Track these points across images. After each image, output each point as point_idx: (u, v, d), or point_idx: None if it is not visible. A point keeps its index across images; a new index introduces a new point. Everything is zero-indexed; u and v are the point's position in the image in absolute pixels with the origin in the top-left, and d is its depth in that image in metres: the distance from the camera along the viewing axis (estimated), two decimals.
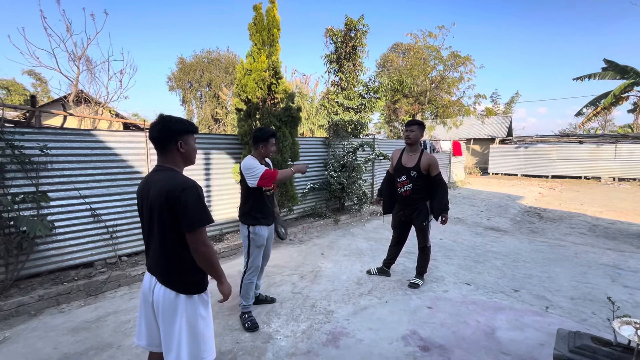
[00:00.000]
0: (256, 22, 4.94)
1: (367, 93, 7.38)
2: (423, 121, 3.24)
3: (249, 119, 4.88)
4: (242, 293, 2.81)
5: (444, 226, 6.21)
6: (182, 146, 1.55)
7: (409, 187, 3.39)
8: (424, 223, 3.42)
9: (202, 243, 1.45)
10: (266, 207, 2.78)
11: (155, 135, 1.54)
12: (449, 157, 12.17)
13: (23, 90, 25.12)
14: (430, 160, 3.33)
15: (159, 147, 1.55)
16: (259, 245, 2.79)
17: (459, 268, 4.13)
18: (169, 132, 1.53)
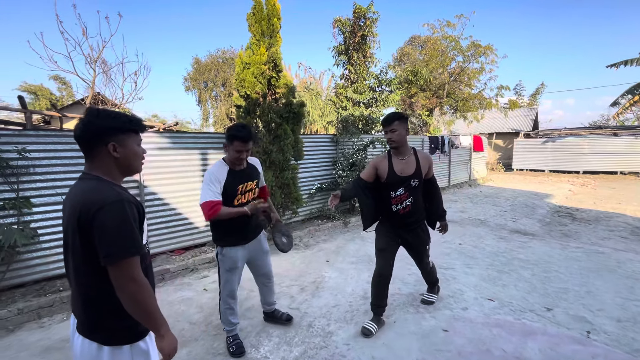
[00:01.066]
0: (255, 12, 4.61)
1: (378, 86, 6.91)
2: (403, 113, 2.62)
3: (248, 115, 4.55)
4: (221, 319, 2.45)
5: (463, 229, 5.71)
6: (115, 149, 1.16)
7: (409, 202, 2.52)
8: (427, 245, 2.80)
9: (128, 279, 1.07)
10: (238, 224, 2.26)
11: (78, 134, 1.15)
12: (470, 153, 11.47)
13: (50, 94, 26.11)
14: (429, 159, 2.63)
15: (84, 149, 1.17)
16: (228, 269, 2.32)
17: (480, 279, 3.65)
18: (94, 130, 1.14)
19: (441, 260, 4.22)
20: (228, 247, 2.29)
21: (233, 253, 2.29)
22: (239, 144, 2.14)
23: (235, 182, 2.22)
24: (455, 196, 9.23)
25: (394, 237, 2.65)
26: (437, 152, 9.61)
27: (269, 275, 2.62)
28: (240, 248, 2.32)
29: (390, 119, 2.44)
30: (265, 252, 2.54)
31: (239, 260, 2.34)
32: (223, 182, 2.17)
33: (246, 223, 2.30)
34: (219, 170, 2.21)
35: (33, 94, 25.69)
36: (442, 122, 18.23)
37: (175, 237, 4.28)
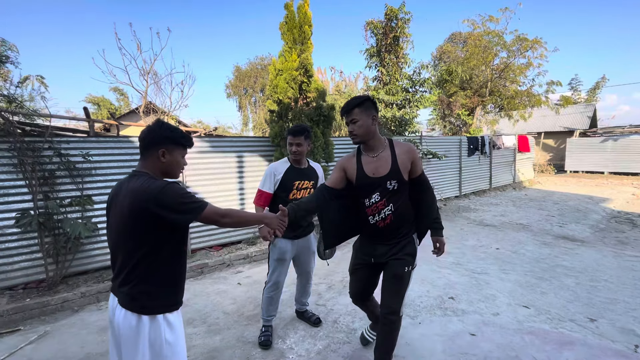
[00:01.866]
0: (287, 21, 4.82)
1: (411, 87, 6.81)
2: (366, 96, 1.91)
3: (280, 119, 4.77)
4: (262, 305, 2.63)
5: (502, 234, 5.44)
6: (163, 155, 1.41)
7: (389, 211, 1.88)
8: (407, 268, 1.92)
9: (217, 218, 1.41)
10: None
11: (142, 136, 1.44)
12: (514, 154, 10.80)
13: (110, 104, 29.00)
14: (411, 152, 1.90)
15: (141, 149, 1.45)
16: (277, 259, 2.50)
17: (516, 285, 3.48)
18: (154, 136, 1.41)
19: (474, 265, 4.08)
20: (279, 238, 2.44)
21: (283, 244, 2.48)
22: (289, 137, 2.42)
23: (293, 178, 2.45)
24: (496, 199, 8.76)
25: (368, 258, 2.02)
26: (477, 153, 9.19)
27: (309, 275, 2.74)
28: (290, 242, 2.50)
29: (348, 107, 1.84)
30: (312, 252, 2.66)
31: (288, 252, 2.51)
32: (280, 176, 2.43)
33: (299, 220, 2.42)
34: (279, 164, 2.49)
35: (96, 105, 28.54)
36: (484, 121, 17.32)
37: (213, 234, 4.59)
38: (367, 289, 2.18)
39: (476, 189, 9.36)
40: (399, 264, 1.91)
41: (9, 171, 3.21)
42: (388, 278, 1.95)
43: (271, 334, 2.59)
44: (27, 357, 2.49)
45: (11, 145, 3.10)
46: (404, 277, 1.92)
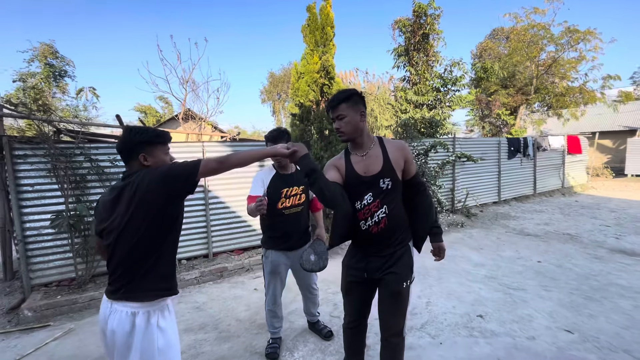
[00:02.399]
0: (309, 23, 4.76)
1: (443, 86, 6.44)
2: (353, 90, 1.68)
3: (301, 123, 4.70)
4: (266, 319, 2.53)
5: (546, 245, 4.91)
6: (145, 159, 1.41)
7: (383, 214, 1.68)
8: (405, 284, 1.71)
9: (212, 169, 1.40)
10: (282, 230, 2.31)
11: (119, 148, 1.45)
12: (562, 156, 9.84)
13: (156, 112, 31.14)
14: (403, 149, 1.72)
15: (125, 160, 1.45)
16: (270, 272, 2.38)
17: (558, 305, 3.07)
18: (129, 145, 1.42)
19: (510, 279, 3.69)
20: (271, 250, 2.36)
21: (275, 257, 2.35)
22: (268, 144, 2.29)
23: (280, 185, 2.30)
24: (541, 206, 8.00)
25: (361, 272, 1.77)
26: (519, 155, 8.48)
27: (311, 287, 2.58)
28: (282, 254, 2.36)
29: (334, 102, 1.64)
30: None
31: (281, 265, 2.37)
32: (267, 184, 2.29)
33: (293, 231, 2.35)
34: (264, 173, 2.36)
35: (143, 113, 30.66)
36: (529, 121, 16.05)
37: (234, 238, 4.61)
38: (364, 310, 1.89)
39: (518, 195, 8.63)
40: (396, 280, 1.68)
41: (45, 175, 3.44)
42: (386, 297, 1.73)
43: (279, 345, 2.49)
44: (50, 353, 2.61)
45: (46, 151, 3.32)
46: (403, 294, 1.70)
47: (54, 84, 13.60)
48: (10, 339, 2.88)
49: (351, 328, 1.92)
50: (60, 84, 13.86)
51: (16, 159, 3.34)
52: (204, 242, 4.39)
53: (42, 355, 2.60)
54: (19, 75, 12.74)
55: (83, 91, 14.78)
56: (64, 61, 13.81)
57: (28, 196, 3.43)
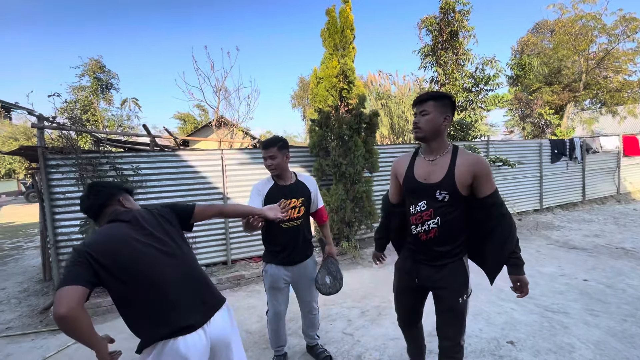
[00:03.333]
0: (329, 27, 4.67)
1: (475, 86, 6.03)
2: (448, 94, 1.66)
3: (320, 129, 4.59)
4: (268, 336, 2.42)
5: (595, 261, 4.37)
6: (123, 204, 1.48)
7: (434, 224, 1.63)
8: (461, 299, 1.66)
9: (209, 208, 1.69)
10: (282, 243, 2.19)
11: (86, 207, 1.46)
12: (618, 159, 8.83)
13: (194, 119, 32.83)
14: (476, 164, 1.57)
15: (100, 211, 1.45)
16: (270, 287, 2.26)
17: (607, 335, 2.66)
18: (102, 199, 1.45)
19: (550, 300, 3.29)
20: (270, 264, 2.24)
21: (275, 271, 2.22)
22: (262, 152, 2.19)
23: (278, 197, 2.15)
24: (591, 214, 7.20)
25: (412, 277, 1.77)
26: (564, 158, 7.73)
27: (310, 305, 2.39)
28: (283, 268, 2.22)
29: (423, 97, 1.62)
30: (310, 280, 2.32)
31: (281, 280, 2.23)
32: (264, 195, 2.18)
33: (293, 245, 2.22)
34: (262, 184, 2.24)
35: (182, 120, 32.33)
36: (578, 120, 14.69)
37: (253, 245, 4.60)
38: (414, 315, 1.94)
39: (563, 202, 7.85)
40: (451, 297, 1.67)
41: (74, 184, 3.64)
42: (442, 311, 1.73)
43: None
44: (69, 357, 2.71)
45: (75, 160, 3.51)
46: (459, 309, 1.68)
47: (101, 96, 14.72)
48: (39, 339, 3.04)
49: (402, 327, 2.03)
50: (106, 95, 14.98)
51: (49, 169, 3.57)
52: (223, 249, 4.42)
53: (63, 358, 2.70)
54: (71, 89, 13.94)
55: (127, 102, 15.88)
56: (109, 74, 14.91)
57: (60, 203, 3.65)
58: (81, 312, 1.10)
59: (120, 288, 1.22)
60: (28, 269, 5.37)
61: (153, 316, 1.24)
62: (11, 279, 4.86)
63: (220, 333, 1.36)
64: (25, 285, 4.54)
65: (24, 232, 8.74)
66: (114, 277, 1.21)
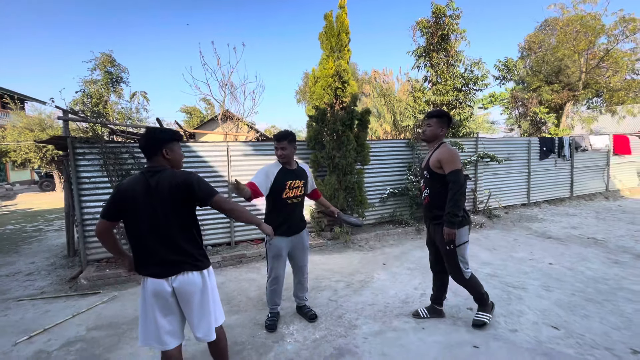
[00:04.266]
0: (326, 31, 5.08)
1: (465, 85, 6.42)
2: (448, 113, 2.77)
3: (316, 124, 5.04)
4: (267, 298, 2.89)
5: (564, 248, 4.79)
6: (167, 153, 1.75)
7: (426, 193, 2.68)
8: (448, 247, 2.55)
9: (224, 202, 1.78)
10: (285, 216, 2.67)
11: (143, 145, 1.77)
12: (607, 157, 9.15)
13: (200, 113, 33.37)
14: (442, 153, 2.50)
15: (147, 155, 1.77)
16: (274, 256, 2.71)
17: (555, 305, 3.10)
18: (154, 141, 1.74)
19: (513, 279, 3.74)
20: (275, 237, 2.53)
21: (278, 242, 2.66)
22: (275, 143, 2.68)
23: (285, 178, 2.65)
24: (576, 209, 7.58)
25: (428, 232, 2.83)
26: (552, 155, 8.09)
27: (303, 270, 2.91)
28: (284, 239, 2.67)
29: (432, 114, 2.64)
30: (304, 248, 2.84)
31: (283, 249, 2.70)
32: (273, 177, 2.63)
33: (294, 217, 2.73)
34: (272, 166, 2.70)
35: (189, 114, 32.85)
36: (577, 119, 14.90)
37: (255, 228, 5.08)
38: (438, 261, 2.79)
39: (551, 197, 8.23)
40: (442, 245, 2.59)
41: (98, 170, 4.15)
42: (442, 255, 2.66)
43: (277, 319, 2.86)
44: (97, 313, 3.24)
45: (99, 149, 4.01)
46: (449, 254, 2.57)
47: (111, 90, 15.26)
48: (70, 301, 3.57)
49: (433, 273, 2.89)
50: (116, 89, 15.51)
51: (77, 156, 4.07)
52: (227, 232, 4.92)
53: (92, 314, 3.22)
54: (83, 82, 14.49)
55: (136, 95, 16.40)
56: (120, 69, 15.43)
57: (86, 187, 4.16)
58: (106, 236, 1.74)
59: (126, 226, 1.74)
60: (52, 247, 5.94)
61: (139, 257, 1.73)
62: (38, 255, 5.42)
63: (184, 288, 1.70)
64: (52, 260, 5.10)
65: (42, 217, 9.35)
66: (122, 217, 1.73)
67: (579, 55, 13.38)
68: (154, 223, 1.69)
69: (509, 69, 6.78)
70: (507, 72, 6.85)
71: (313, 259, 4.67)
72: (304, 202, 2.87)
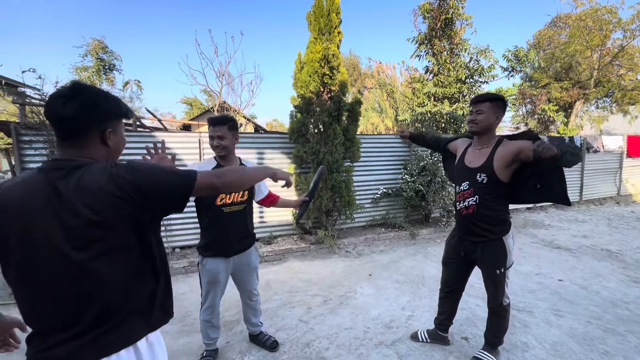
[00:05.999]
0: (315, 10, 4.53)
1: (469, 77, 5.83)
2: (502, 96, 2.03)
3: (300, 114, 4.50)
4: (201, 329, 2.31)
5: (576, 261, 4.26)
6: (109, 136, 1.00)
7: (473, 201, 2.02)
8: (499, 271, 2.03)
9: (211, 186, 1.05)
10: (221, 229, 2.05)
11: (70, 114, 0.93)
12: (620, 159, 8.56)
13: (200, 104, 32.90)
14: (516, 147, 1.87)
15: (73, 133, 0.95)
16: (209, 282, 2.11)
17: (567, 336, 2.58)
18: (95, 113, 0.97)
19: (518, 299, 3.22)
20: (209, 258, 2.09)
21: (214, 265, 2.08)
22: (209, 129, 2.05)
23: None
24: (585, 215, 7.02)
25: (458, 248, 2.20)
26: None
27: (251, 294, 2.34)
28: (222, 260, 2.09)
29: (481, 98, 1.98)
30: (252, 269, 2.27)
31: (220, 273, 2.10)
32: None
33: (235, 231, 2.10)
34: (204, 164, 2.10)
35: (189, 105, 32.35)
36: (586, 119, 14.23)
37: None
38: (460, 281, 2.32)
39: None
40: (490, 268, 2.07)
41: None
42: (485, 278, 2.15)
43: (213, 358, 2.30)
44: None
45: (45, 137, 3.50)
46: (499, 278, 2.06)
47: (103, 77, 14.73)
48: None
49: (443, 294, 2.40)
50: (108, 76, 14.98)
51: (22, 144, 3.57)
52: (196, 232, 4.42)
53: None
54: (74, 68, 13.97)
55: (129, 84, 15.87)
56: (112, 55, 14.88)
57: None
58: None
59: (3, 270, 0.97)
60: None
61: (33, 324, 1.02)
62: None
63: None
64: None
65: None
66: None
67: (591, 51, 12.68)
68: (63, 264, 0.89)
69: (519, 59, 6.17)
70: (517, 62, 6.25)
71: (291, 266, 4.18)
72: (251, 211, 2.24)
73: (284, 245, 4.63)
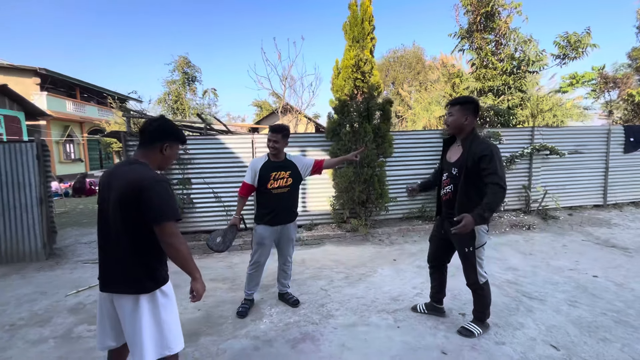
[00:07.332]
0: (350, 20, 5.02)
1: (516, 67, 5.64)
2: (475, 99, 2.40)
3: (337, 115, 5.04)
4: (245, 282, 3.02)
5: (623, 259, 4.01)
6: (166, 149, 1.58)
7: (449, 189, 2.39)
8: (467, 249, 2.35)
9: (169, 235, 1.42)
10: (270, 206, 2.80)
11: (149, 129, 1.57)
12: None
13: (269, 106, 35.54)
14: (483, 149, 2.15)
15: (145, 141, 1.57)
16: (257, 242, 2.85)
17: (570, 322, 2.67)
18: (162, 132, 1.57)
19: (534, 288, 3.31)
20: (259, 225, 2.86)
21: (262, 230, 2.84)
22: (269, 134, 2.80)
23: (270, 169, 2.81)
24: None
25: (440, 228, 2.60)
26: None
27: (286, 259, 3.02)
28: (268, 228, 2.83)
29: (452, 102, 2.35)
30: (289, 240, 2.96)
31: (266, 237, 2.84)
32: (258, 169, 2.83)
33: (280, 208, 2.84)
34: (258, 160, 2.90)
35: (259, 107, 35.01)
36: None
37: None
38: (441, 257, 2.69)
39: (638, 199, 6.77)
40: (459, 246, 2.41)
41: None
42: (458, 255, 2.47)
43: (250, 307, 2.98)
44: None
45: None
46: (467, 256, 2.37)
47: (187, 88, 17.23)
48: None
49: (431, 269, 2.79)
50: (192, 87, 17.45)
51: (129, 149, 4.85)
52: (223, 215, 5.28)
53: None
54: (165, 82, 16.67)
55: (207, 92, 18.22)
56: (194, 69, 17.28)
57: None
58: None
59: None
60: None
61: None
62: None
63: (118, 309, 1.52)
64: None
65: None
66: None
67: None
68: (107, 224, 1.51)
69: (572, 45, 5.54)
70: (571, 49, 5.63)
71: (327, 249, 4.77)
72: (295, 194, 2.93)
73: (322, 231, 5.25)
